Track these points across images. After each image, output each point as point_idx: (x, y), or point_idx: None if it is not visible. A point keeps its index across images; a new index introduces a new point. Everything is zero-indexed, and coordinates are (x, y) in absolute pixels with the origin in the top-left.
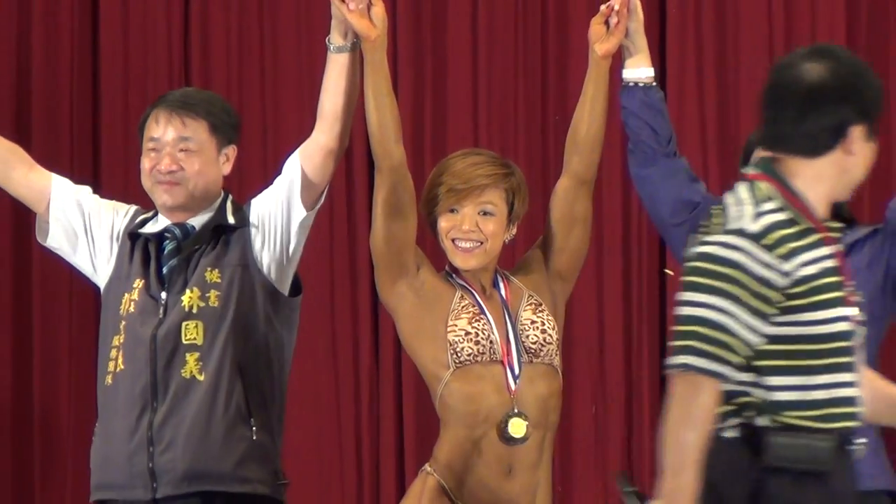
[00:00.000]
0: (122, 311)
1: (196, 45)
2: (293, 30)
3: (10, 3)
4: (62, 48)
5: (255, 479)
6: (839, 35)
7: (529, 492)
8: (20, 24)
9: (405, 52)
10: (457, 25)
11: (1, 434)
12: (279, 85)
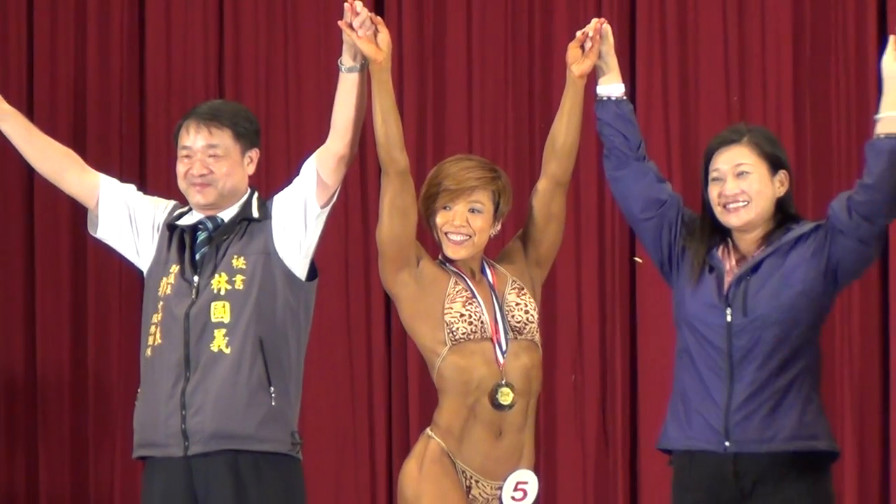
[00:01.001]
0: (160, 293)
1: (229, 63)
2: (312, 51)
3: (67, 27)
4: (113, 66)
5: (274, 439)
6: (786, 54)
7: (517, 451)
8: (76, 46)
9: (408, 71)
10: (454, 48)
11: (60, 399)
12: (300, 98)
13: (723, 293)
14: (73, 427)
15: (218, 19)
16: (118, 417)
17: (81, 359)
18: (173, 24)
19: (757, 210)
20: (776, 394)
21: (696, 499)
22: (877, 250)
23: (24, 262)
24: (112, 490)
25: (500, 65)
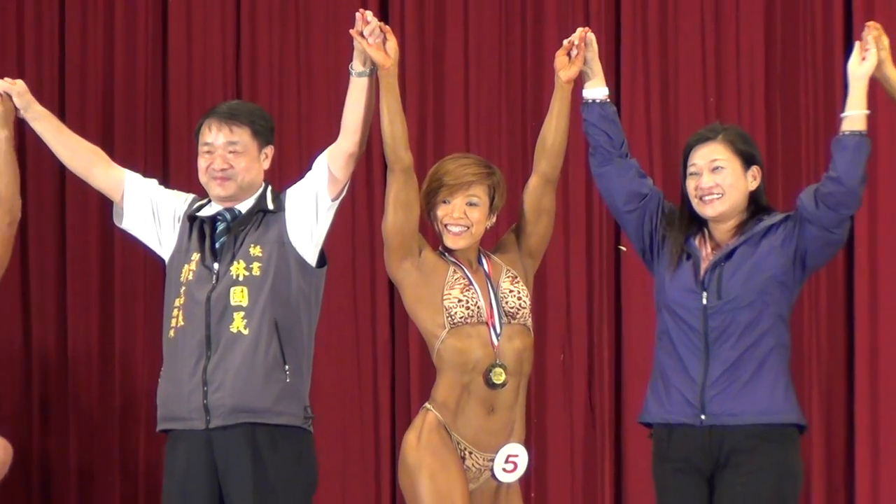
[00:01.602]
0: (182, 279)
1: (245, 67)
2: (322, 56)
3: (95, 35)
4: (138, 70)
5: (288, 413)
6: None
7: (508, 426)
8: (104, 51)
9: (411, 76)
10: (453, 55)
11: (89, 376)
12: (311, 99)
13: (699, 278)
14: (101, 402)
15: (235, 26)
16: (142, 393)
17: (109, 339)
18: (194, 30)
19: (730, 202)
20: (748, 371)
21: (675, 468)
22: (842, 238)
23: (56, 251)
24: (137, 460)
25: (495, 70)
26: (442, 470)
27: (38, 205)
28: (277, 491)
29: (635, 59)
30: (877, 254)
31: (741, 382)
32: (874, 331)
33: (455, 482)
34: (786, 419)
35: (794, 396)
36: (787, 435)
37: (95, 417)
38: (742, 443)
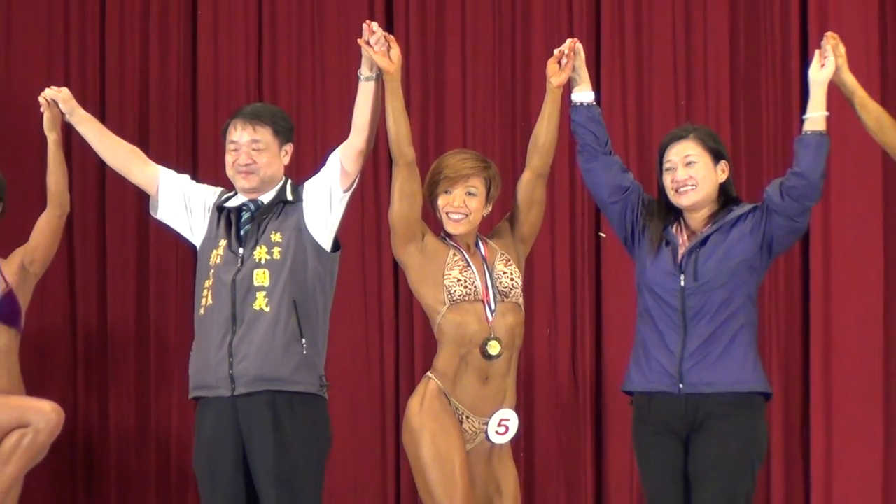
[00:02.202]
0: (211, 263)
1: (266, 72)
2: (335, 63)
3: (133, 44)
4: (170, 75)
5: (305, 382)
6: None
7: (500, 393)
8: (140, 59)
9: (414, 80)
10: (451, 62)
11: (126, 350)
12: (325, 101)
13: (677, 262)
14: (137, 373)
15: (257, 37)
16: (175, 365)
17: (144, 316)
18: (220, 41)
19: (703, 193)
20: (721, 345)
21: (654, 431)
22: (804, 226)
23: (97, 238)
24: (169, 426)
25: (489, 75)
26: (442, 433)
27: (82, 198)
28: (294, 451)
29: (613, 67)
30: (830, 241)
31: (715, 355)
32: (827, 310)
33: (454, 444)
34: (754, 388)
35: (761, 368)
36: (754, 402)
37: (132, 386)
38: (715, 409)
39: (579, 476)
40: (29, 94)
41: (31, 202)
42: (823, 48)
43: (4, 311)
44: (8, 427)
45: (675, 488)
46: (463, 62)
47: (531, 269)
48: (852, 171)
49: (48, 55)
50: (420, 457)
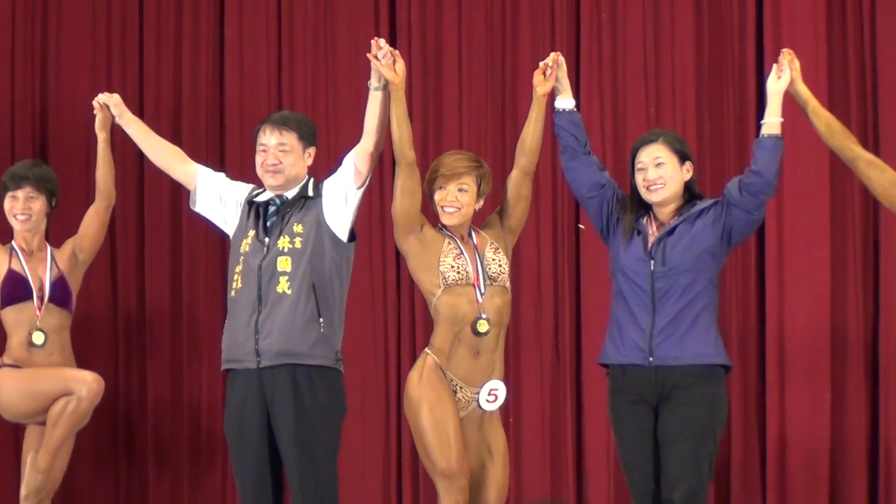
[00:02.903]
0: (241, 250)
1: (285, 84)
2: (346, 75)
3: (167, 57)
4: (200, 85)
5: (323, 356)
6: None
7: (490, 366)
8: (174, 70)
9: (415, 89)
10: (448, 73)
11: (162, 329)
12: (338, 110)
13: (647, 250)
14: (172, 349)
15: (277, 51)
16: (204, 341)
17: (177, 298)
18: (244, 55)
19: (671, 190)
20: (686, 323)
21: (627, 400)
22: (760, 218)
23: (136, 228)
24: (200, 395)
25: (482, 85)
26: (438, 402)
27: (122, 193)
28: (312, 417)
29: (592, 78)
30: (783, 232)
31: (681, 332)
32: (780, 292)
33: (449, 412)
34: (715, 361)
35: (721, 343)
36: (716, 374)
37: (167, 360)
38: (681, 380)
39: (561, 440)
40: (76, 101)
41: (77, 197)
42: (780, 62)
43: (57, 295)
44: (55, 394)
45: (647, 451)
46: (459, 74)
47: (519, 257)
48: (803, 170)
49: (93, 67)
50: (419, 424)
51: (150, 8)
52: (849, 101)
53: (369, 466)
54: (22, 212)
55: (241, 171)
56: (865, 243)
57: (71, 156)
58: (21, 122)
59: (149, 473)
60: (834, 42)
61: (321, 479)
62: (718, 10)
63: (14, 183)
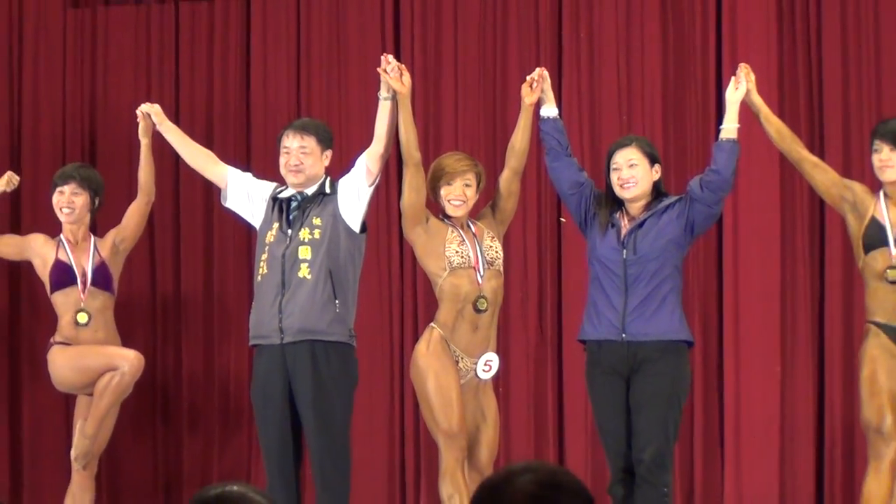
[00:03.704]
0: (266, 241)
1: (304, 93)
2: (357, 87)
3: (200, 73)
4: (230, 96)
5: (338, 333)
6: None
7: (486, 340)
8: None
9: (420, 99)
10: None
11: (196, 310)
12: (349, 117)
13: (621, 240)
14: (204, 328)
15: (296, 65)
16: (233, 321)
17: (209, 283)
18: (268, 68)
19: (641, 188)
20: (655, 304)
21: (603, 371)
22: (719, 212)
23: (173, 221)
24: (229, 369)
25: (476, 96)
26: (443, 370)
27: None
28: (329, 386)
29: (572, 90)
30: (738, 224)
31: (650, 312)
32: (736, 277)
33: (451, 379)
34: (680, 337)
35: (685, 322)
36: (680, 349)
37: (200, 338)
38: (650, 354)
39: (544, 407)
40: (121, 110)
41: (122, 194)
42: (738, 75)
43: (98, 279)
44: (101, 370)
45: (620, 417)
46: (455, 85)
47: (507, 246)
48: (757, 170)
49: (135, 80)
50: (426, 388)
51: (185, 28)
52: (797, 109)
53: (377, 428)
54: (67, 205)
55: (266, 170)
56: (811, 235)
57: (116, 158)
58: (71, 129)
59: (183, 437)
60: (784, 58)
61: (336, 440)
62: (682, 31)
63: (62, 180)
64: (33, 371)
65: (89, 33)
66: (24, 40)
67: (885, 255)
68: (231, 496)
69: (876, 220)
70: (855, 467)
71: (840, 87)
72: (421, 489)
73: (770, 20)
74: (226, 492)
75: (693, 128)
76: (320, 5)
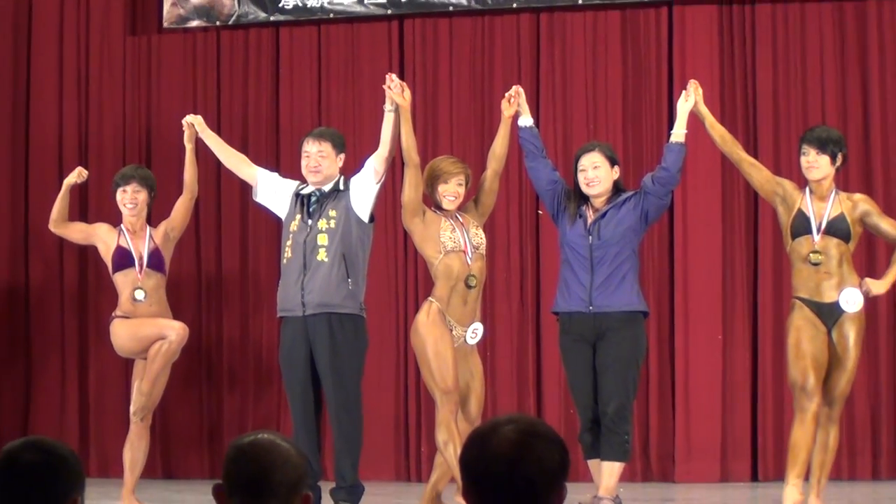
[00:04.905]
0: (291, 230)
1: (324, 107)
2: (368, 101)
3: (236, 90)
4: (261, 110)
5: (352, 307)
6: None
7: (474, 312)
8: (241, 99)
9: (418, 110)
10: (443, 100)
11: (233, 286)
12: (361, 126)
13: (587, 228)
14: (241, 302)
15: (317, 84)
16: (265, 297)
17: (245, 265)
18: (294, 84)
19: (604, 186)
20: (616, 281)
21: (573, 339)
22: (668, 203)
23: (215, 214)
24: (261, 337)
25: (467, 108)
26: (441, 337)
27: (204, 187)
28: (343, 351)
29: (547, 103)
30: (686, 212)
31: (612, 287)
32: (685, 257)
33: (447, 345)
34: (637, 308)
35: (642, 296)
36: (638, 319)
37: (236, 310)
38: (613, 323)
39: (525, 367)
40: (170, 120)
41: (172, 191)
42: (688, 89)
43: (152, 262)
44: (154, 338)
45: (587, 376)
46: (450, 101)
47: (493, 234)
48: (702, 168)
49: (183, 95)
50: (426, 352)
51: (224, 52)
52: (736, 117)
53: (384, 385)
54: (130, 202)
55: (291, 171)
56: (747, 224)
57: (168, 160)
58: (130, 136)
59: (223, 394)
60: (725, 76)
61: (349, 395)
62: (639, 54)
63: (124, 180)
64: (98, 340)
65: (145, 56)
66: (91, 62)
67: (808, 241)
68: (262, 443)
69: (802, 212)
70: (783, 417)
71: (771, 99)
72: (422, 436)
73: (713, 44)
74: (258, 439)
75: (648, 134)
76: (337, 34)
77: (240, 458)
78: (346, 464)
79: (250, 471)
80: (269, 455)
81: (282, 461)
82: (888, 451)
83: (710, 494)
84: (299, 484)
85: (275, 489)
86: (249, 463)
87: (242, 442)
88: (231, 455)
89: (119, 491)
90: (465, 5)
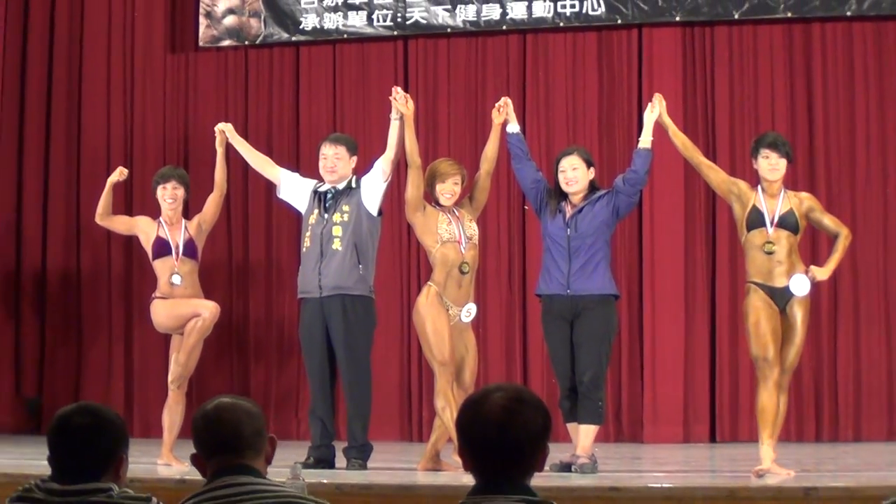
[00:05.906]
0: (309, 222)
1: (338, 116)
2: (376, 111)
3: (262, 101)
4: (284, 117)
5: (362, 289)
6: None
7: (467, 294)
8: (267, 108)
9: (421, 119)
10: (441, 109)
11: (259, 271)
12: (370, 133)
13: (566, 222)
14: (265, 285)
15: (332, 95)
16: (287, 280)
17: (269, 253)
18: (312, 96)
19: (581, 185)
20: (591, 267)
21: (553, 318)
22: (636, 201)
23: (243, 208)
24: (283, 315)
25: (463, 117)
26: (439, 316)
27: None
28: (355, 328)
29: (532, 113)
30: (654, 208)
31: (587, 273)
32: (653, 248)
33: (444, 323)
34: (610, 292)
35: (614, 281)
36: (610, 301)
37: (262, 292)
38: (588, 305)
39: (513, 342)
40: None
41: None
42: (653, 102)
43: (187, 250)
44: (189, 316)
45: (566, 350)
46: (448, 110)
47: (486, 227)
48: (667, 171)
49: (215, 105)
50: (426, 329)
51: (252, 68)
52: (696, 126)
53: (391, 359)
54: (170, 197)
55: (310, 171)
56: (706, 219)
57: (202, 163)
58: (169, 141)
59: (250, 366)
60: (687, 90)
61: (360, 367)
62: (613, 72)
63: (164, 179)
64: (141, 318)
65: (183, 71)
66: (135, 76)
67: (763, 233)
68: (224, 405)
69: (756, 208)
70: (738, 386)
71: (727, 109)
72: (423, 403)
73: (677, 62)
74: (220, 403)
75: (620, 140)
76: (350, 52)
77: (209, 423)
78: (357, 426)
79: (223, 432)
80: (234, 413)
81: (246, 415)
82: (829, 417)
83: (674, 453)
84: (263, 429)
85: (248, 440)
86: (221, 425)
87: (206, 409)
88: (199, 423)
89: (159, 449)
90: (461, 28)
